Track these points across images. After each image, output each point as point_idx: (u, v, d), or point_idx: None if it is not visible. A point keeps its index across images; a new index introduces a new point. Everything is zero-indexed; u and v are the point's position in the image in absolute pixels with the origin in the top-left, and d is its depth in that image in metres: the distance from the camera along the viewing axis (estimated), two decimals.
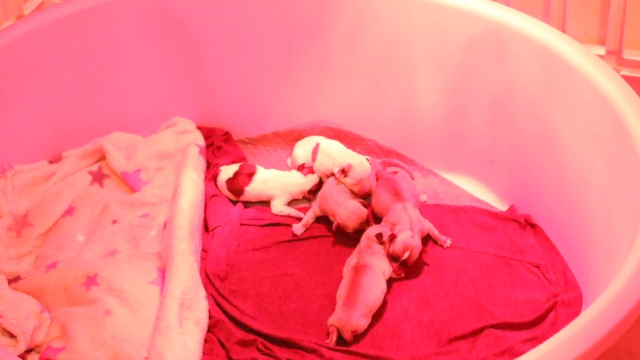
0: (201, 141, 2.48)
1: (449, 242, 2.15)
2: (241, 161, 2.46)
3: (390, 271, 2.03)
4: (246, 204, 2.35)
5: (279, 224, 2.27)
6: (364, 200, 2.23)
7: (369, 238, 2.07)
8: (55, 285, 2.04)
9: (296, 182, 2.33)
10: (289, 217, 2.29)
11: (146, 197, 2.32)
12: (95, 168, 2.39)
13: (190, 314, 1.95)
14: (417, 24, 2.26)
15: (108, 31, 2.38)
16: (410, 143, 2.44)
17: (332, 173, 2.28)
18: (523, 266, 2.08)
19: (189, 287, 1.99)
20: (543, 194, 2.18)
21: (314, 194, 2.34)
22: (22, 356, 1.88)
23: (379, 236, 2.05)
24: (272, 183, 2.32)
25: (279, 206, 2.31)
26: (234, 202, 2.34)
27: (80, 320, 1.93)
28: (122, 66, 2.45)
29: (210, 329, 1.97)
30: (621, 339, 1.46)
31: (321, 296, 2.04)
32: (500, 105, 2.23)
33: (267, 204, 2.34)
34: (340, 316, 1.91)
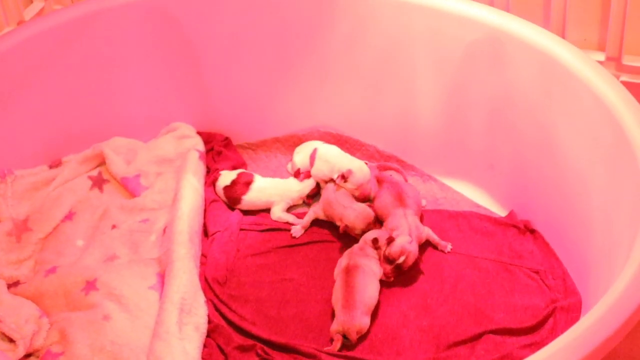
0: (201, 146, 2.48)
1: (449, 246, 2.15)
2: (241, 166, 2.46)
3: (381, 273, 2.03)
4: (243, 212, 2.34)
5: (278, 229, 2.27)
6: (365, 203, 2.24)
7: (365, 241, 2.08)
8: (55, 290, 2.04)
9: (294, 189, 2.33)
10: (288, 223, 2.29)
11: (146, 202, 2.32)
12: (95, 173, 2.39)
13: (190, 319, 1.95)
14: (416, 29, 2.26)
15: (108, 37, 2.39)
16: (409, 148, 2.44)
17: (331, 179, 2.28)
18: (522, 272, 2.07)
19: (189, 292, 1.99)
20: (542, 200, 2.18)
21: (313, 198, 2.34)
22: None
23: (374, 241, 2.06)
24: (269, 191, 2.33)
25: (278, 212, 2.31)
26: (233, 209, 2.35)
27: (79, 325, 1.92)
28: (122, 71, 2.45)
29: (210, 334, 1.97)
30: (620, 344, 1.46)
31: (320, 301, 2.04)
32: (499, 110, 2.23)
33: (265, 211, 2.34)
34: (343, 319, 1.91)
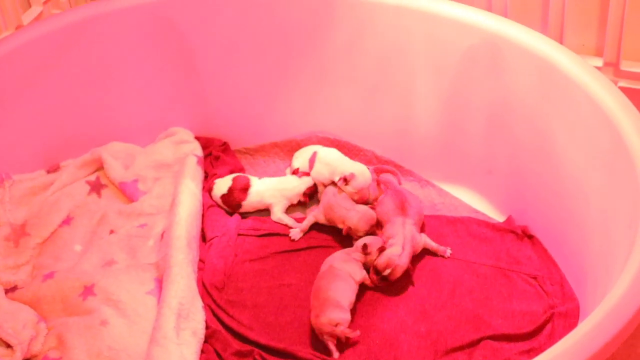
0: (199, 151, 2.48)
1: (448, 251, 2.15)
2: (239, 171, 2.46)
3: (362, 277, 2.03)
4: (244, 214, 2.35)
5: (276, 234, 2.27)
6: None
7: (356, 246, 2.08)
8: (53, 295, 2.04)
9: (290, 186, 2.33)
10: (288, 227, 2.29)
11: (144, 207, 2.32)
12: (93, 178, 2.39)
13: (187, 325, 1.95)
14: (415, 35, 2.27)
15: (106, 42, 2.39)
16: (408, 154, 2.44)
17: (332, 181, 2.28)
18: (520, 277, 2.07)
19: (186, 297, 1.99)
20: (541, 205, 2.18)
21: (310, 198, 2.34)
22: None
23: (364, 247, 2.06)
24: (268, 192, 2.33)
25: (278, 213, 2.31)
26: (231, 214, 2.34)
27: (77, 330, 1.92)
28: (120, 76, 2.45)
29: (207, 339, 1.97)
30: (618, 350, 1.46)
31: None
32: (497, 116, 2.23)
33: (264, 213, 2.34)
34: (312, 321, 1.93)
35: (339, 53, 2.40)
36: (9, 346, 1.91)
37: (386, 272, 2.01)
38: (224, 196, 2.33)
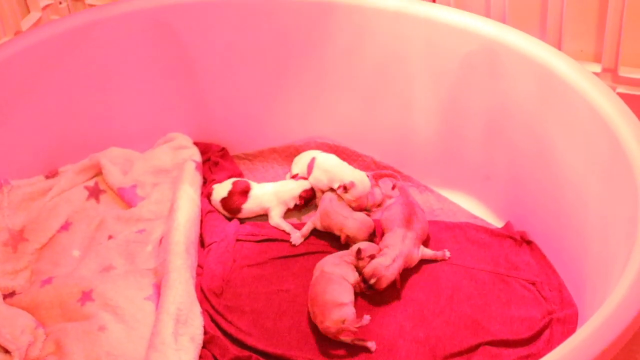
0: (198, 157, 2.48)
1: (447, 253, 2.15)
2: (238, 177, 2.45)
3: (356, 279, 2.04)
4: (242, 219, 2.34)
5: (275, 239, 2.27)
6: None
7: (351, 250, 2.09)
8: (51, 301, 2.04)
9: (286, 188, 2.33)
10: (286, 233, 2.28)
11: (142, 213, 2.32)
12: (91, 183, 2.39)
13: (186, 330, 1.95)
14: (413, 41, 2.27)
15: (105, 47, 2.39)
16: (406, 159, 2.44)
17: (330, 188, 2.28)
18: (519, 283, 2.07)
19: (185, 303, 1.99)
20: (539, 211, 2.18)
21: (307, 202, 2.34)
22: None
23: (358, 252, 2.06)
24: (266, 196, 2.33)
25: (275, 218, 2.31)
26: (230, 219, 2.34)
27: (75, 336, 1.92)
28: (119, 82, 2.45)
29: (206, 345, 1.97)
30: (617, 356, 1.46)
31: None
32: (496, 122, 2.23)
33: (262, 218, 2.34)
34: (320, 327, 1.93)
35: (338, 59, 2.40)
36: (7, 352, 1.91)
37: (372, 281, 2.01)
38: (223, 200, 2.33)
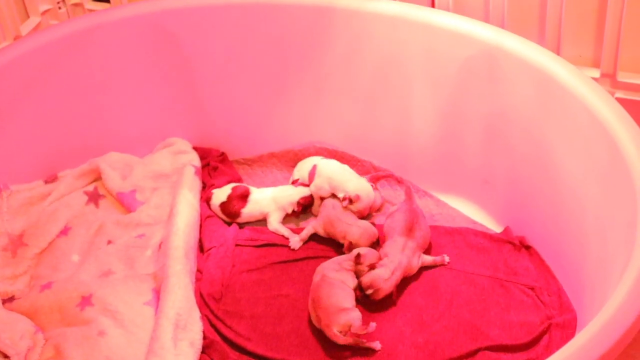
0: (197, 162, 2.48)
1: (446, 258, 2.15)
2: (237, 182, 2.46)
3: (355, 285, 2.04)
4: (241, 224, 2.35)
5: (274, 244, 2.27)
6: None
7: (350, 255, 2.09)
8: (50, 306, 2.04)
9: (284, 194, 2.33)
10: (285, 237, 2.29)
11: (142, 218, 2.32)
12: (91, 188, 2.39)
13: (185, 335, 1.95)
14: (412, 46, 2.27)
15: (104, 52, 2.39)
16: (405, 164, 2.44)
17: (332, 194, 2.28)
18: (518, 288, 2.07)
19: (184, 308, 1.99)
20: (538, 216, 2.18)
21: (304, 209, 2.34)
22: None
23: (357, 257, 2.06)
24: (264, 201, 2.33)
25: (274, 223, 2.31)
26: (229, 224, 2.34)
27: (74, 340, 1.92)
28: (118, 87, 2.46)
29: (205, 350, 1.97)
30: None
31: None
32: (495, 127, 2.23)
33: (262, 223, 2.34)
34: (325, 332, 1.93)
35: (337, 64, 2.40)
36: (6, 357, 1.91)
37: (369, 292, 2.01)
38: (222, 204, 2.33)
